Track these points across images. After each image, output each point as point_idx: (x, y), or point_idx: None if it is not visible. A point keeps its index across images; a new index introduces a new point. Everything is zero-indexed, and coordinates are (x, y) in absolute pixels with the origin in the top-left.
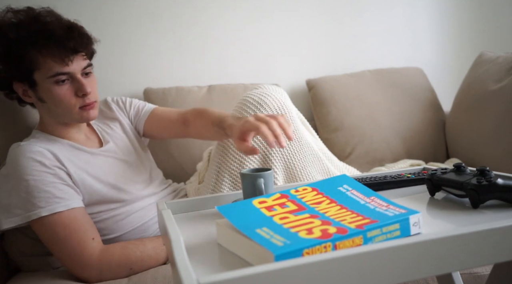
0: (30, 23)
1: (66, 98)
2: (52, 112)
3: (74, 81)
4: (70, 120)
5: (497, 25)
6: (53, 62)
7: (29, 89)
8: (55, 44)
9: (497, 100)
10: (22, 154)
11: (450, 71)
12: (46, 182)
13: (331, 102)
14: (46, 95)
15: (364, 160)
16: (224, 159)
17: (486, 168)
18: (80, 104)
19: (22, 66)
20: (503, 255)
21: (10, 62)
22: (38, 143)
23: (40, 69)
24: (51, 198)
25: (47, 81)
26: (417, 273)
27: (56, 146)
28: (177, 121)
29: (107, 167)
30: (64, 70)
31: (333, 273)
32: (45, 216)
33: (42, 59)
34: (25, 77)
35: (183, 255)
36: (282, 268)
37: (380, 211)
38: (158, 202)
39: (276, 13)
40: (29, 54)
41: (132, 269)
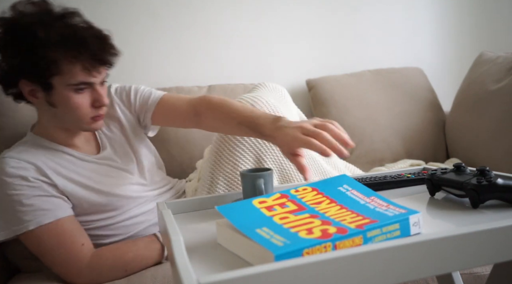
0: (61, 25)
1: (83, 107)
2: (58, 117)
3: (93, 91)
4: (76, 128)
5: (497, 25)
6: (81, 71)
7: (41, 91)
8: (88, 54)
9: (497, 100)
10: (3, 170)
11: (450, 71)
12: (29, 195)
13: (331, 102)
14: (61, 101)
15: (364, 160)
16: (218, 161)
17: (486, 168)
18: (93, 114)
19: (42, 67)
20: (503, 255)
21: (28, 60)
22: (23, 153)
23: (63, 75)
24: (37, 210)
25: (67, 87)
26: (417, 273)
27: (46, 155)
28: (187, 112)
29: (102, 175)
30: (89, 80)
31: (333, 273)
32: (32, 229)
33: (68, 66)
34: (41, 78)
35: (183, 255)
36: (282, 268)
37: (380, 211)
38: (158, 202)
39: (276, 13)
40: (56, 58)
41: (127, 271)
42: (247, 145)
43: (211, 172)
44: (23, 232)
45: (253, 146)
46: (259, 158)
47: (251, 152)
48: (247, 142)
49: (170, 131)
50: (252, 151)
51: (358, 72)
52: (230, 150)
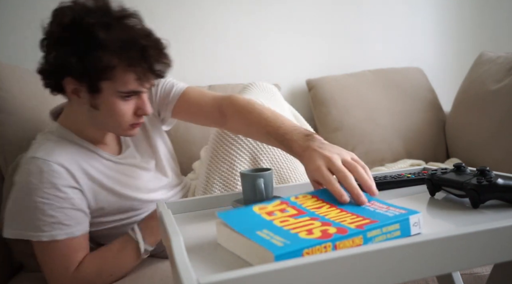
0: (120, 28)
1: (126, 115)
2: (96, 119)
3: (139, 99)
4: (111, 131)
5: (497, 25)
6: (134, 81)
7: (86, 92)
8: (146, 65)
9: (497, 100)
10: (34, 173)
11: (450, 71)
12: (54, 207)
13: (331, 102)
14: (106, 105)
15: (364, 160)
16: (214, 160)
17: (486, 168)
18: (133, 121)
19: (96, 70)
20: (503, 255)
21: (83, 61)
22: (54, 153)
23: (115, 81)
24: (56, 223)
25: (115, 94)
26: (417, 273)
27: (75, 153)
28: (211, 111)
29: (125, 176)
30: (139, 89)
31: (333, 273)
32: (44, 240)
33: (122, 73)
34: (90, 80)
35: (183, 255)
36: (282, 268)
37: (380, 212)
38: (158, 202)
39: (276, 12)
40: (112, 63)
41: (113, 275)
42: (244, 144)
43: (207, 172)
44: (35, 240)
45: (249, 146)
46: (255, 157)
47: (247, 151)
48: (244, 142)
49: (169, 130)
50: (249, 150)
51: (358, 72)
52: (226, 149)
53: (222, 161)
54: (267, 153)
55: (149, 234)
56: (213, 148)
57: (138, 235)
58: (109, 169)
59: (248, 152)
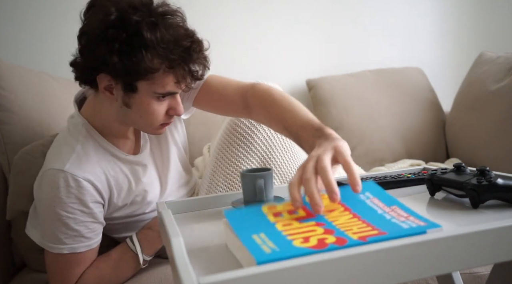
0: (164, 27)
1: (159, 115)
2: (126, 116)
3: (173, 99)
4: (139, 128)
5: (497, 25)
6: (171, 81)
7: (120, 90)
8: (186, 67)
9: (497, 100)
10: (62, 186)
11: (450, 71)
12: (78, 221)
13: (331, 102)
14: (139, 105)
15: (364, 160)
16: (220, 162)
17: (486, 168)
18: (164, 121)
19: (136, 69)
20: (503, 255)
21: (124, 59)
22: (81, 167)
23: (153, 82)
24: (78, 236)
25: (151, 94)
26: (417, 273)
27: (99, 164)
28: (235, 102)
29: (144, 181)
30: (175, 90)
31: (334, 273)
32: (65, 253)
33: (162, 75)
34: (128, 79)
35: (183, 255)
36: (282, 268)
37: (396, 222)
38: (158, 202)
39: (276, 12)
40: (153, 64)
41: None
42: (253, 148)
43: (211, 173)
44: (56, 252)
45: (259, 150)
46: (264, 163)
47: (256, 156)
48: (253, 145)
49: None
50: (258, 154)
51: (358, 72)
52: (233, 152)
53: (229, 163)
54: (275, 158)
55: (148, 245)
56: (220, 150)
57: (137, 246)
58: (122, 172)
59: (257, 156)
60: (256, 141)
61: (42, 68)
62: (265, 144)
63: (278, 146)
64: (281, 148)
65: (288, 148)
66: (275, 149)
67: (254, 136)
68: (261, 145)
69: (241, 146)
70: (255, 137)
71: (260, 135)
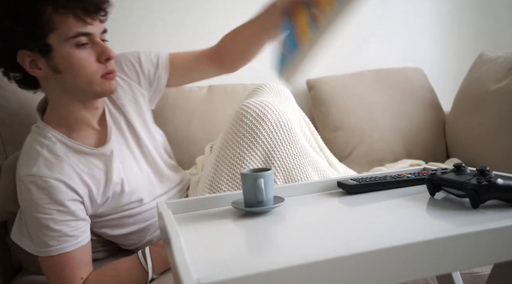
0: None
1: (88, 63)
2: (68, 87)
3: (95, 45)
4: (90, 93)
5: (497, 25)
6: (74, 21)
7: (41, 58)
8: (77, 1)
9: (497, 100)
10: (34, 189)
11: (450, 71)
12: (57, 220)
13: (331, 102)
14: (64, 61)
15: (364, 160)
16: (224, 152)
17: (486, 168)
18: (102, 71)
19: (35, 26)
20: (503, 255)
21: (19, 23)
22: (48, 167)
23: (58, 29)
24: (62, 236)
25: (66, 43)
26: (417, 273)
27: (66, 159)
28: (204, 55)
29: (120, 168)
30: (86, 30)
31: (334, 273)
32: (53, 255)
33: (60, 18)
34: (37, 40)
35: (183, 255)
36: (282, 268)
37: None
38: (158, 202)
39: None
40: (45, 11)
41: None
42: (258, 140)
43: (215, 163)
44: (44, 256)
45: (263, 141)
46: (268, 154)
47: (260, 147)
48: (259, 137)
49: (169, 130)
50: (262, 146)
51: (358, 72)
52: (238, 142)
53: (233, 152)
54: (280, 152)
55: (159, 265)
56: (225, 140)
57: (149, 263)
58: (96, 167)
59: (261, 148)
60: (262, 132)
61: None
62: (270, 137)
63: (283, 140)
64: (286, 142)
65: (292, 143)
66: (279, 142)
67: (260, 128)
68: (266, 137)
69: (246, 137)
70: (261, 129)
71: (266, 127)
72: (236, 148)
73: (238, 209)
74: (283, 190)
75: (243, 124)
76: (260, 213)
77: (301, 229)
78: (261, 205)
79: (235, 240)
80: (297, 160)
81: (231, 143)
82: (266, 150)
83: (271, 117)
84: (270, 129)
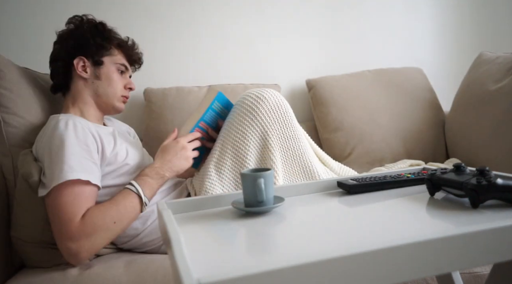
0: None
1: (119, 83)
2: (99, 91)
3: (126, 77)
4: (109, 102)
5: (497, 25)
6: (124, 57)
7: (91, 66)
8: (130, 49)
9: (496, 100)
10: (70, 125)
11: (450, 71)
12: (79, 153)
13: (331, 102)
14: (106, 74)
15: (364, 160)
16: (228, 132)
17: (486, 168)
18: (123, 93)
19: (103, 47)
20: (503, 255)
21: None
22: (79, 119)
23: (113, 56)
24: (80, 165)
25: (113, 66)
26: (417, 273)
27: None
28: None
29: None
30: (127, 66)
31: (333, 273)
32: (76, 179)
33: (118, 51)
34: (97, 55)
35: (183, 255)
36: (282, 268)
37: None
38: (158, 202)
39: (276, 13)
40: (113, 42)
41: (116, 223)
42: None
43: (221, 144)
44: (61, 181)
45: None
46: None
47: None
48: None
49: (169, 130)
50: (261, 122)
51: (358, 72)
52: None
53: (236, 130)
54: (276, 130)
55: (147, 189)
56: (229, 121)
57: (139, 188)
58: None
59: (261, 125)
60: (261, 110)
61: (49, 71)
62: (269, 114)
63: (279, 118)
64: (282, 120)
65: (288, 121)
66: (276, 120)
67: (260, 107)
68: (265, 115)
69: (247, 116)
70: (260, 108)
71: (265, 106)
72: (239, 126)
73: (238, 209)
74: (283, 190)
75: (245, 105)
76: (260, 213)
77: (301, 229)
78: (261, 205)
79: (235, 240)
80: (292, 135)
81: (235, 123)
82: (265, 126)
83: (270, 98)
84: (268, 108)
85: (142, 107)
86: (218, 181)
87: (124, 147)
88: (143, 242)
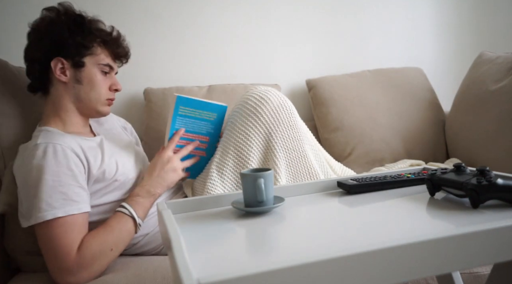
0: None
1: (103, 87)
2: (80, 96)
3: (111, 77)
4: (93, 107)
5: (497, 25)
6: (108, 55)
7: (71, 68)
8: (115, 46)
9: (497, 100)
10: (48, 152)
11: (450, 71)
12: (64, 183)
13: (331, 102)
14: (88, 77)
15: (364, 160)
16: (230, 132)
17: (486, 168)
18: (108, 96)
19: (83, 46)
20: (503, 255)
21: (74, 37)
22: (59, 138)
23: (96, 55)
24: (67, 200)
25: (96, 66)
26: (417, 273)
27: (71, 139)
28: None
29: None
30: (112, 64)
31: (334, 273)
32: (59, 216)
33: (101, 49)
34: (77, 55)
35: (183, 255)
36: (282, 268)
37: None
38: (158, 202)
39: (276, 13)
40: (95, 40)
41: (113, 250)
42: (262, 119)
43: (223, 143)
44: (49, 218)
45: (264, 123)
46: (270, 132)
47: (263, 125)
48: (260, 120)
49: None
50: (266, 123)
51: (358, 72)
52: (243, 121)
53: (238, 131)
54: (280, 131)
55: (139, 209)
56: (231, 122)
57: (131, 210)
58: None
59: (264, 126)
60: (264, 112)
61: None
62: (273, 116)
63: (283, 119)
64: (286, 121)
65: (293, 125)
66: (281, 121)
67: (263, 108)
68: (268, 116)
69: (250, 116)
70: (264, 109)
71: (268, 107)
72: (241, 127)
73: (238, 209)
74: (283, 190)
75: (248, 106)
76: (260, 213)
77: (301, 229)
78: (261, 205)
79: (235, 240)
80: (297, 137)
81: (237, 124)
82: (269, 128)
83: (274, 99)
84: (272, 109)
85: (142, 107)
86: (219, 182)
87: (113, 160)
88: (142, 251)
